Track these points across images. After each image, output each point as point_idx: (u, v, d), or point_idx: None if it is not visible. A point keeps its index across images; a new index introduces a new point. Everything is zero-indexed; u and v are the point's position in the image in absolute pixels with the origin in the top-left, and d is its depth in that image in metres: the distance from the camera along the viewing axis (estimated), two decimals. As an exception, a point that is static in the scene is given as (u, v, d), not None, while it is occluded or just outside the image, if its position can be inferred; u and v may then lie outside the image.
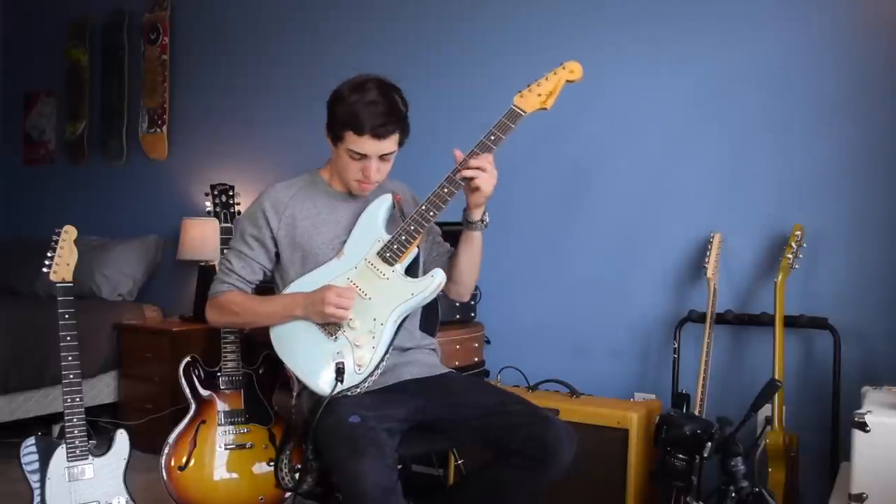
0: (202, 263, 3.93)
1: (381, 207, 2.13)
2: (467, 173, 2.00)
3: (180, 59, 4.42)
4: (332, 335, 2.04)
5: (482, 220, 2.11)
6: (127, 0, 4.59)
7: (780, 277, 2.65)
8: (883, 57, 2.66)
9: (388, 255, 2.05)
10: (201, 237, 3.93)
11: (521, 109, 2.07)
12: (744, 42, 2.87)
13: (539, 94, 2.08)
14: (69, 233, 2.41)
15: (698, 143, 2.96)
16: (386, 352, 2.03)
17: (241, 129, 4.17)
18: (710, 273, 2.76)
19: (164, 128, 4.43)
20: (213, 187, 2.95)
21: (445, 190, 2.03)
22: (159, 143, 4.45)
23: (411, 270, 2.09)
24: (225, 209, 2.93)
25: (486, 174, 2.00)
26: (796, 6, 2.79)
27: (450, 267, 2.21)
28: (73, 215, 3.75)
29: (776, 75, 2.82)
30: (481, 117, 2.21)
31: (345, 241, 2.13)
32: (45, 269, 2.37)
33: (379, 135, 2.05)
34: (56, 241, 2.39)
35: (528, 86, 2.09)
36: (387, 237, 2.08)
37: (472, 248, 2.16)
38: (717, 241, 2.80)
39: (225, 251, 2.30)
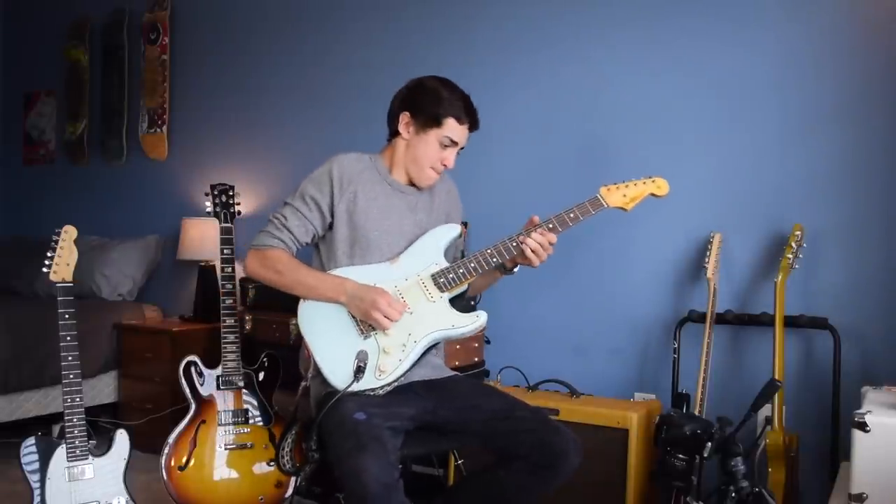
0: (202, 263, 3.93)
1: (448, 234, 2.21)
2: (533, 245, 2.09)
3: (180, 59, 4.42)
4: (363, 333, 2.07)
5: (513, 270, 2.22)
6: (127, 0, 4.60)
7: (780, 277, 2.65)
8: (882, 58, 2.66)
9: (443, 280, 2.10)
10: (201, 237, 3.93)
11: (604, 201, 2.17)
12: (744, 43, 2.87)
13: (624, 195, 2.19)
14: (69, 233, 2.41)
15: (698, 144, 2.96)
16: (409, 368, 2.06)
17: (241, 129, 4.17)
18: (710, 273, 2.76)
19: (164, 128, 4.43)
20: (213, 187, 2.95)
21: (514, 244, 2.11)
22: (159, 143, 4.45)
23: (454, 301, 2.14)
24: (225, 209, 2.93)
25: (539, 254, 2.10)
26: (796, 8, 2.79)
27: None
28: (73, 215, 3.77)
29: (776, 76, 2.82)
30: (483, 117, 2.24)
31: (404, 248, 2.18)
32: (45, 269, 2.37)
33: (473, 126, 2.23)
34: (56, 241, 2.39)
35: (617, 184, 2.20)
36: (444, 263, 2.14)
37: (489, 282, 2.28)
38: (717, 241, 2.80)
39: (279, 208, 2.26)
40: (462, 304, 2.18)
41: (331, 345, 2.08)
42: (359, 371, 2.00)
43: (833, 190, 2.73)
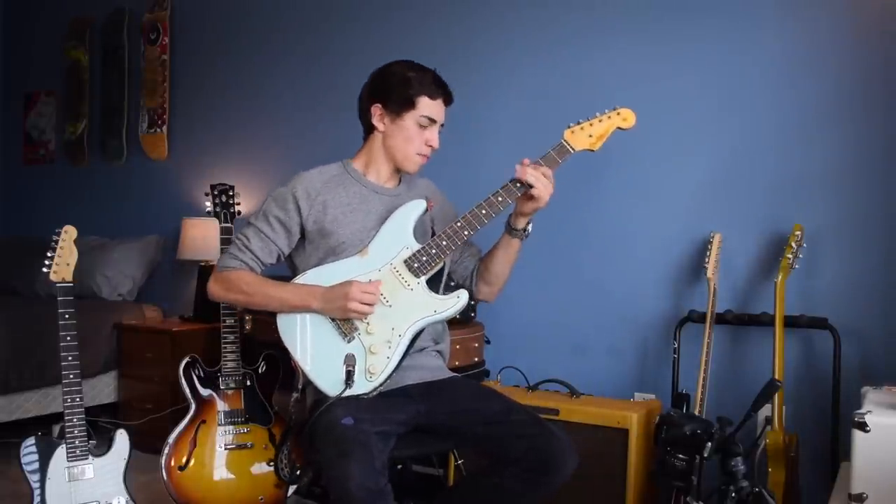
0: (202, 263, 3.93)
1: (413, 212, 2.10)
2: (529, 179, 1.99)
3: (180, 59, 4.42)
4: (346, 335, 2.02)
5: (525, 230, 2.12)
6: (127, 0, 4.60)
7: (780, 277, 2.65)
8: (881, 58, 2.66)
9: (417, 265, 2.03)
10: (201, 237, 3.93)
11: (570, 146, 2.06)
12: (744, 43, 2.87)
13: (590, 136, 2.06)
14: (69, 233, 2.41)
15: (698, 143, 2.96)
16: (399, 363, 2.02)
17: (241, 129, 4.17)
18: (710, 273, 2.76)
19: (164, 128, 4.43)
20: (213, 187, 2.96)
21: (483, 212, 2.03)
22: (159, 143, 4.45)
23: (433, 283, 2.07)
24: (225, 209, 2.94)
25: (543, 186, 2.00)
26: (796, 8, 2.79)
27: (482, 269, 2.21)
28: (73, 215, 3.76)
29: (776, 76, 2.82)
30: (482, 117, 2.24)
31: (372, 237, 2.10)
32: (45, 269, 2.37)
33: (448, 100, 2.16)
34: (56, 241, 2.39)
35: (581, 123, 2.07)
36: (416, 246, 2.05)
37: (510, 254, 2.16)
38: (717, 241, 2.80)
39: (242, 228, 2.21)
40: (439, 283, 2.10)
41: (317, 354, 2.03)
42: (349, 376, 1.96)
43: (833, 190, 2.74)
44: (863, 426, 2.00)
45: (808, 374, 2.75)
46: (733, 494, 2.16)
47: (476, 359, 3.12)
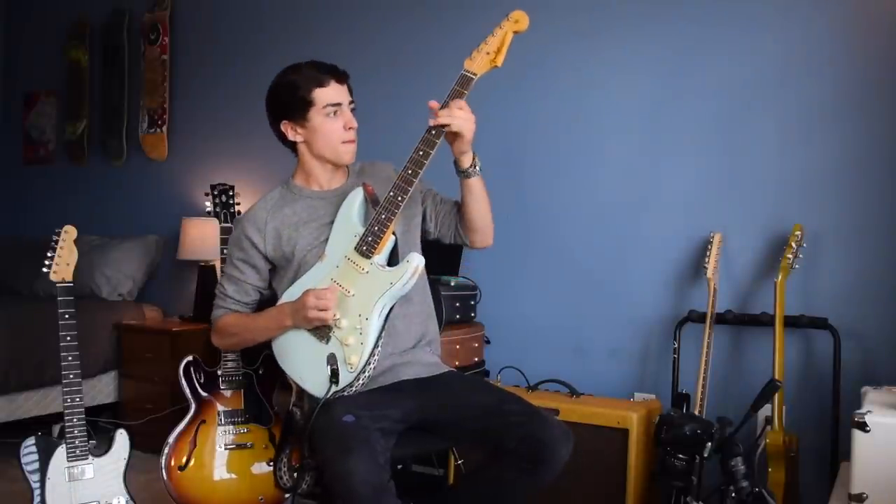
0: (202, 263, 3.93)
1: (353, 203, 2.12)
2: (441, 121, 1.96)
3: (180, 59, 4.42)
4: (323, 338, 2.04)
5: (473, 166, 2.08)
6: (127, 0, 4.60)
7: (780, 277, 2.65)
8: (882, 57, 2.66)
9: (364, 248, 2.03)
10: (201, 237, 3.93)
11: (471, 73, 2.00)
12: (744, 43, 2.87)
13: (488, 53, 2.00)
14: (69, 233, 2.41)
15: (699, 143, 2.96)
16: (375, 345, 2.00)
17: (241, 129, 4.16)
18: (710, 273, 2.76)
19: (164, 128, 4.43)
20: (213, 187, 2.95)
21: (410, 172, 2.01)
22: (159, 143, 4.45)
23: (393, 258, 2.06)
24: (225, 209, 2.93)
25: (460, 119, 1.96)
26: (796, 7, 2.79)
27: (462, 219, 2.20)
28: (73, 215, 3.76)
29: (776, 75, 2.82)
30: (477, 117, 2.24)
31: (326, 239, 2.13)
32: (45, 269, 2.37)
33: (339, 77, 2.17)
34: (56, 241, 2.39)
35: (477, 46, 2.01)
36: (362, 231, 2.06)
37: (475, 195, 2.12)
38: (717, 241, 2.80)
39: (220, 277, 2.33)
40: (398, 258, 2.08)
41: (304, 364, 2.07)
42: (334, 374, 1.98)
43: (833, 190, 2.74)
44: (863, 426, 2.00)
45: (808, 374, 2.75)
46: (733, 494, 2.16)
47: (476, 359, 3.13)
